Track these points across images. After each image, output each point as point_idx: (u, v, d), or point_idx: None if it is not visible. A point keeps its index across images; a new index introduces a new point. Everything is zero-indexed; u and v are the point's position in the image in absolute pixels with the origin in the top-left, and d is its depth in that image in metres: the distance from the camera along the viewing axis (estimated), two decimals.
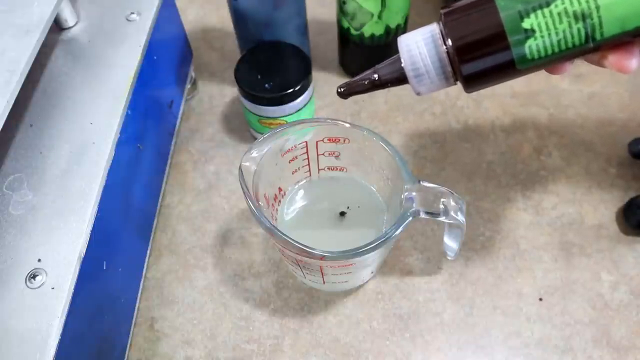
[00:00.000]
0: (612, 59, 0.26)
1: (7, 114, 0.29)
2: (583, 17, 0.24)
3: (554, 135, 0.51)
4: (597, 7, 0.24)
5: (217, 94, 0.56)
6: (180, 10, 0.51)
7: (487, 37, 0.25)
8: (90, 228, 0.32)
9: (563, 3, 0.24)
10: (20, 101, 0.37)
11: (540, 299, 0.41)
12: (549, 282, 0.42)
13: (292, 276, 0.43)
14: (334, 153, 0.40)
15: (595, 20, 0.24)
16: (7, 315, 0.28)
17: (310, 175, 0.42)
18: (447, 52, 0.26)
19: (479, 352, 0.39)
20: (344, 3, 0.48)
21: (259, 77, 0.45)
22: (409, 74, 0.27)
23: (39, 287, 0.29)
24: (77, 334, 0.31)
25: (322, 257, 0.32)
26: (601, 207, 0.46)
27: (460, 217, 0.34)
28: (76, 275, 0.30)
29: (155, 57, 0.44)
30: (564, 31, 0.24)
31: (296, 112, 0.46)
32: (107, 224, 0.34)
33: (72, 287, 0.30)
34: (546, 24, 0.24)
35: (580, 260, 0.43)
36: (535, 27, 0.24)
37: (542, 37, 0.25)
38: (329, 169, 0.42)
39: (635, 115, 0.52)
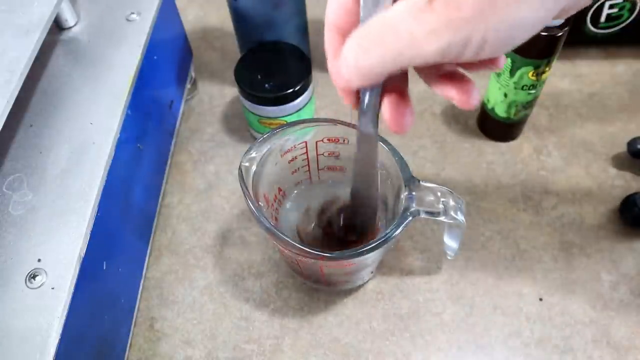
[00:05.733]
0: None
1: (7, 114, 0.29)
2: None
3: (554, 135, 0.51)
4: None
5: (217, 94, 0.56)
6: (180, 10, 0.51)
7: None
8: (90, 228, 0.32)
9: None
10: (20, 101, 0.37)
11: (540, 299, 0.41)
12: (549, 282, 0.42)
13: (292, 276, 0.43)
14: (333, 153, 0.40)
15: None
16: (7, 315, 0.28)
17: (310, 175, 0.42)
18: None
19: (479, 352, 0.39)
20: None
21: (259, 77, 0.45)
22: None
23: (39, 287, 0.29)
24: (77, 334, 0.31)
25: (322, 257, 0.32)
26: (601, 207, 0.46)
27: (460, 217, 0.34)
28: (76, 275, 0.30)
29: (155, 57, 0.44)
30: None
31: (296, 112, 0.46)
32: (107, 224, 0.34)
33: (72, 287, 0.30)
34: None
35: (580, 260, 0.43)
36: None
37: None
38: (328, 169, 0.42)
39: (635, 115, 0.52)
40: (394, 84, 0.25)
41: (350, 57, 0.21)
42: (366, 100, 0.25)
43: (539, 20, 0.19)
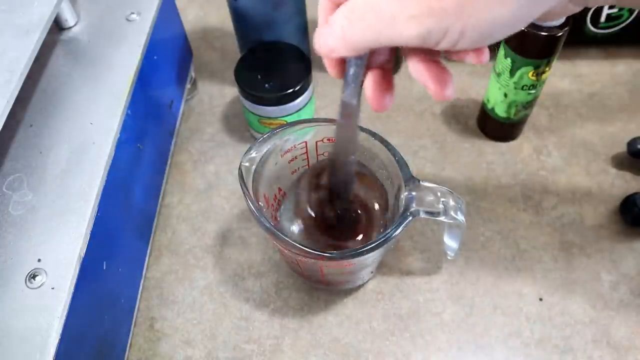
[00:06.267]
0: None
1: (7, 114, 0.29)
2: None
3: (554, 135, 0.51)
4: None
5: (217, 94, 0.56)
6: (180, 10, 0.51)
7: None
8: (90, 228, 0.32)
9: None
10: (20, 101, 0.37)
11: (540, 299, 0.41)
12: (549, 282, 0.42)
13: (292, 276, 0.43)
14: None
15: None
16: (7, 315, 0.28)
17: None
18: None
19: (479, 352, 0.39)
20: None
21: (259, 77, 0.45)
22: None
23: (39, 287, 0.29)
24: (77, 334, 0.31)
25: (322, 257, 0.32)
26: (601, 207, 0.46)
27: (460, 217, 0.34)
28: (76, 275, 0.30)
29: (155, 57, 0.44)
30: None
31: (296, 112, 0.46)
32: (107, 224, 0.34)
33: (72, 287, 0.30)
34: None
35: (580, 260, 0.43)
36: None
37: None
38: None
39: (635, 115, 0.52)
40: (379, 62, 0.26)
41: (336, 27, 0.22)
42: (351, 72, 0.26)
43: (517, 20, 0.19)
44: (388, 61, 0.26)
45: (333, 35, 0.23)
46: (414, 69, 0.24)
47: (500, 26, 0.19)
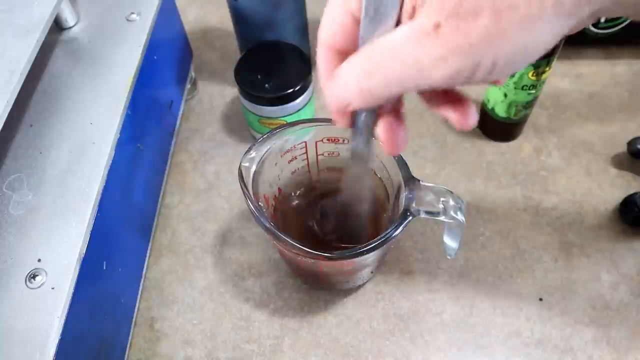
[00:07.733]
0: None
1: (7, 114, 0.30)
2: None
3: (554, 135, 0.51)
4: None
5: (217, 94, 0.56)
6: (180, 10, 0.51)
7: None
8: (90, 228, 0.32)
9: None
10: (20, 101, 0.37)
11: (540, 299, 0.41)
12: (549, 282, 0.42)
13: (292, 276, 0.43)
14: (333, 153, 0.40)
15: None
16: (7, 315, 0.28)
17: (310, 175, 0.42)
18: None
19: (479, 352, 0.39)
20: None
21: (259, 77, 0.45)
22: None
23: (39, 287, 0.29)
24: (77, 334, 0.31)
25: (322, 257, 0.32)
26: (601, 207, 0.46)
27: (460, 217, 0.34)
28: (76, 275, 0.30)
29: (155, 57, 0.44)
30: None
31: (296, 112, 0.46)
32: (107, 224, 0.34)
33: (72, 287, 0.30)
34: None
35: (580, 260, 0.43)
36: None
37: None
38: (328, 169, 0.42)
39: (635, 115, 0.52)
40: (390, 105, 0.24)
41: (351, 80, 0.21)
42: (362, 121, 0.25)
43: (548, 42, 0.18)
44: (399, 101, 0.25)
45: (347, 89, 0.21)
46: (432, 102, 0.23)
47: (531, 52, 0.18)
